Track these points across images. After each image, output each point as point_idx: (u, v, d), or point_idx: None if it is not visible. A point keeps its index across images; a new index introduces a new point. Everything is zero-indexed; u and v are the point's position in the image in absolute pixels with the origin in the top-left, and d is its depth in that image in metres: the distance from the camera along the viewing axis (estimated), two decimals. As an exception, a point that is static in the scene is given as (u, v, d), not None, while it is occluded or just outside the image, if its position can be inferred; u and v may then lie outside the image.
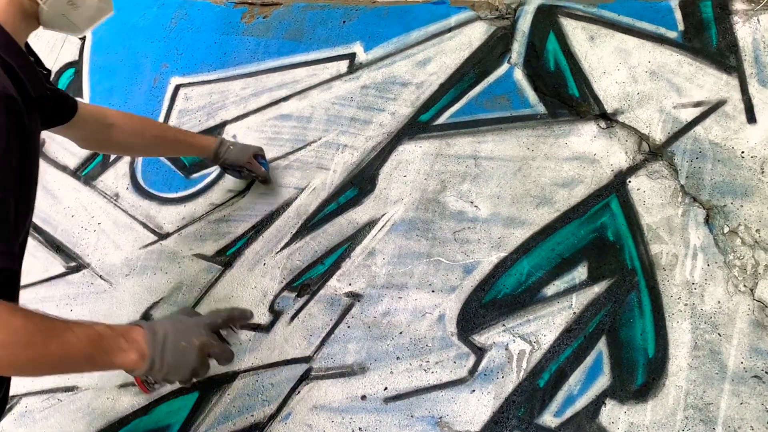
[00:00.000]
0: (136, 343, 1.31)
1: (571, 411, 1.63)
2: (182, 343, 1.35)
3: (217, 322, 1.45)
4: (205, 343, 1.38)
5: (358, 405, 1.85)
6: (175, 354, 1.34)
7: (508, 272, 1.83)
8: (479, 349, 1.78)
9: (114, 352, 1.28)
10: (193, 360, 1.37)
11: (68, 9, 1.49)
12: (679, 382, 1.57)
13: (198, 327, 1.40)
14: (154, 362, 1.32)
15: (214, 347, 1.40)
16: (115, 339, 1.29)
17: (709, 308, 1.60)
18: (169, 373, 1.35)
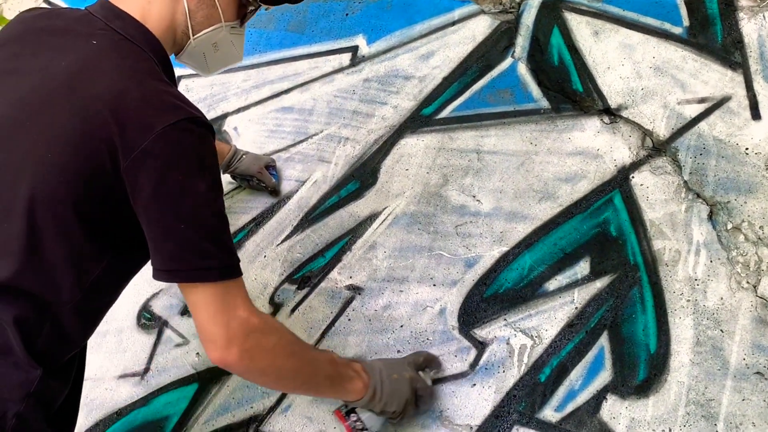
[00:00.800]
0: (360, 374, 1.49)
1: (572, 406, 1.63)
2: (394, 375, 1.54)
3: (419, 360, 1.66)
4: (414, 377, 1.58)
5: (358, 398, 1.84)
6: (392, 384, 1.52)
7: (509, 267, 1.82)
8: (480, 343, 1.77)
9: (346, 378, 1.46)
10: (406, 391, 1.55)
11: (210, 50, 1.52)
12: (680, 378, 1.56)
13: (403, 363, 1.61)
14: (376, 392, 1.50)
15: (420, 381, 1.60)
16: (345, 367, 1.48)
17: (711, 304, 1.60)
18: (387, 403, 1.52)
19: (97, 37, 1.29)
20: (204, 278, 1.22)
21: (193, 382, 2.06)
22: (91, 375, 2.19)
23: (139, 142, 1.15)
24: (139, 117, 1.17)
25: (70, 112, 1.18)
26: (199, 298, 1.24)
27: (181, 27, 1.43)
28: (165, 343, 2.16)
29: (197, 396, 2.03)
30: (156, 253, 1.22)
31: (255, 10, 1.55)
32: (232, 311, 1.24)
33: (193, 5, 1.41)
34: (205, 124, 1.26)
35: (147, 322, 2.21)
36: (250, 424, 1.94)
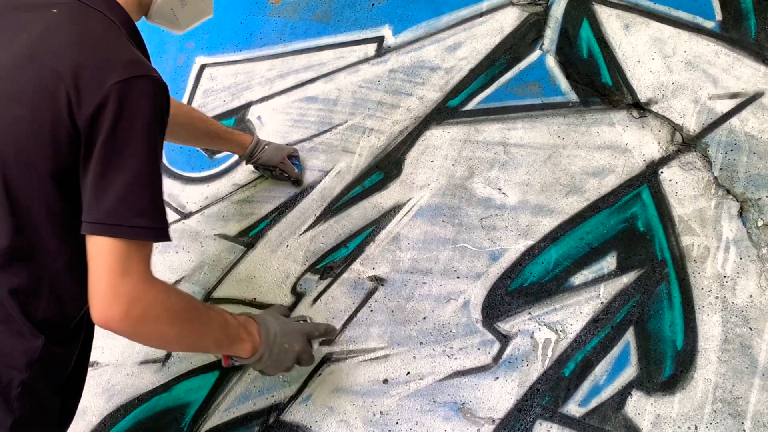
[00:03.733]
0: (252, 336, 1.50)
1: (596, 401, 1.63)
2: (285, 344, 1.56)
3: (315, 333, 1.68)
4: (303, 350, 1.61)
5: (380, 389, 1.85)
6: (279, 353, 1.55)
7: (535, 260, 1.82)
8: (504, 336, 1.77)
9: (236, 341, 1.47)
10: (290, 361, 1.59)
11: (177, 5, 1.55)
12: (708, 376, 1.56)
13: (300, 333, 1.62)
14: (263, 356, 1.52)
15: (306, 355, 1.63)
16: (237, 329, 1.48)
17: (740, 302, 1.59)
18: (270, 366, 1.56)
19: (59, 5, 1.29)
20: (138, 236, 1.22)
21: (214, 370, 2.07)
22: (113, 360, 2.22)
23: (92, 96, 1.18)
24: (94, 72, 1.19)
25: (29, 79, 1.21)
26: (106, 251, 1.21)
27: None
28: (186, 330, 2.17)
29: (218, 384, 2.05)
30: (93, 206, 1.21)
31: None
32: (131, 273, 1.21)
33: None
34: (158, 82, 1.27)
35: (169, 309, 2.22)
36: (271, 412, 1.95)
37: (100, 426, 2.15)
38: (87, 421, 2.15)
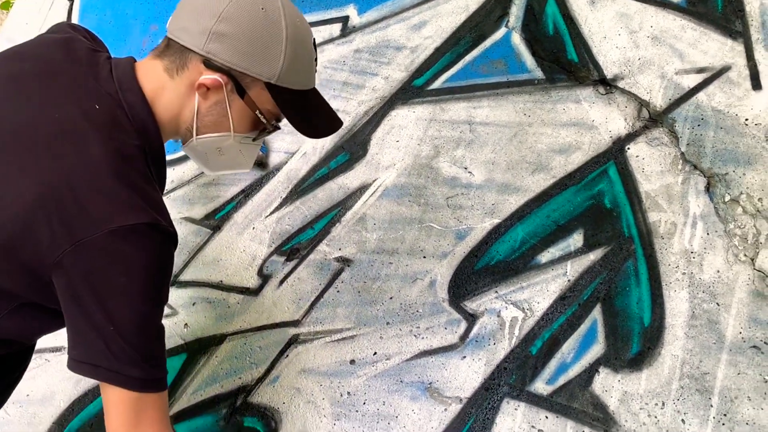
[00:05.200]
0: None
1: (563, 379, 1.52)
2: None
3: None
4: None
5: (347, 369, 1.72)
6: None
7: (501, 239, 1.70)
8: (471, 315, 1.66)
9: None
10: None
11: (214, 153, 1.37)
12: (675, 352, 1.45)
13: None
14: None
15: None
16: None
17: (707, 277, 1.48)
18: None
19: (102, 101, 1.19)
20: (124, 384, 1.11)
21: (182, 353, 1.94)
22: (79, 345, 2.07)
23: (88, 233, 1.06)
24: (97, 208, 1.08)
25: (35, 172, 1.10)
26: (115, 400, 1.13)
27: (186, 123, 1.29)
28: (153, 313, 2.02)
29: (185, 366, 1.91)
30: (79, 344, 1.11)
31: (271, 131, 1.38)
32: (142, 427, 1.13)
33: (204, 108, 1.26)
34: (166, 232, 1.15)
35: (135, 293, 2.07)
36: (239, 394, 1.82)
37: (68, 410, 2.00)
38: (55, 406, 2.00)
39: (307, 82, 1.31)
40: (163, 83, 1.24)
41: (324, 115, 1.38)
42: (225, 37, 1.19)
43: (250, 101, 1.26)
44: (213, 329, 1.93)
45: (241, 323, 1.91)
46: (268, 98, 1.26)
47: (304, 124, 1.32)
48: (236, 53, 1.20)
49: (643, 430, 1.42)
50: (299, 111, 1.31)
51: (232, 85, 1.23)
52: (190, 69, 1.22)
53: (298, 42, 1.25)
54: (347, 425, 1.67)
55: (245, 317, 1.91)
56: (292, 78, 1.25)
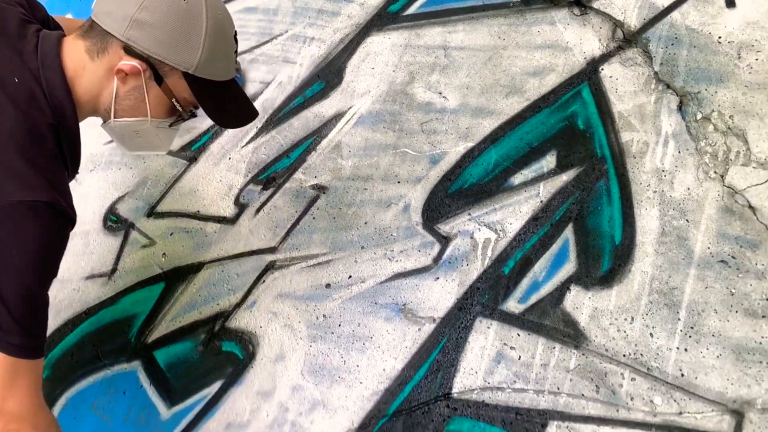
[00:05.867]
0: None
1: (535, 297, 1.49)
2: None
3: None
4: None
5: (323, 293, 1.70)
6: None
7: (475, 162, 1.66)
8: (444, 237, 1.62)
9: None
10: None
11: (131, 135, 1.37)
12: (645, 268, 1.43)
13: None
14: None
15: None
16: None
17: (678, 195, 1.45)
18: None
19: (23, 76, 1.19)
20: (3, 350, 1.14)
21: (160, 282, 1.90)
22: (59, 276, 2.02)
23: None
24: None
25: None
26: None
27: (104, 105, 1.30)
28: (131, 244, 1.99)
29: (164, 294, 1.88)
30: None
31: (187, 118, 1.40)
32: (10, 391, 1.16)
33: (122, 92, 1.28)
34: (65, 214, 1.19)
35: (113, 225, 2.03)
36: (217, 320, 1.79)
37: (48, 341, 1.97)
38: (36, 337, 1.97)
39: (225, 73, 1.32)
40: (84, 64, 1.24)
41: (240, 105, 1.41)
42: (146, 26, 1.19)
43: (167, 89, 1.28)
44: (191, 258, 1.89)
45: (219, 251, 1.87)
46: (185, 87, 1.28)
47: (220, 114, 1.35)
48: (156, 42, 1.21)
49: (612, 344, 1.40)
50: (216, 101, 1.32)
51: (150, 73, 1.24)
52: (110, 53, 1.22)
53: (219, 35, 1.27)
54: (323, 347, 1.65)
55: (222, 245, 1.87)
56: (210, 69, 1.27)
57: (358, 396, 1.58)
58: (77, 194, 2.10)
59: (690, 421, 1.31)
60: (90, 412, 1.83)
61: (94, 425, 1.82)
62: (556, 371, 1.43)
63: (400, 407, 1.53)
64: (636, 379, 1.37)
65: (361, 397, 1.57)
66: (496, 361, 1.48)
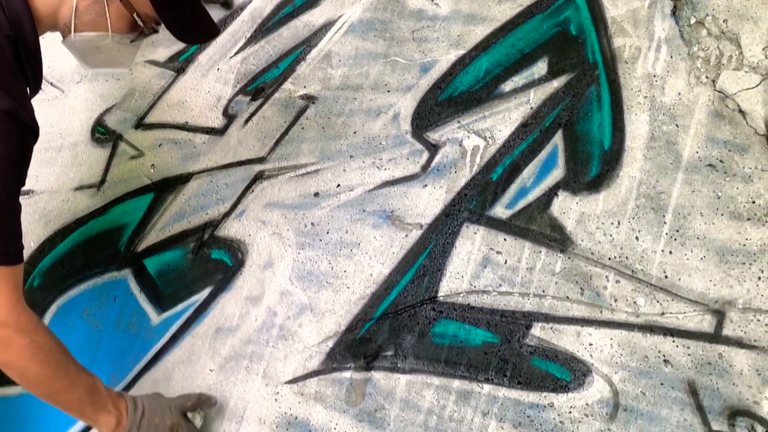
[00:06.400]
0: (119, 411, 1.32)
1: (523, 203, 1.47)
2: (156, 419, 1.38)
3: (186, 405, 1.49)
4: (175, 423, 1.42)
5: (311, 201, 1.67)
6: (149, 428, 1.36)
7: (465, 70, 1.60)
8: (433, 145, 1.58)
9: (101, 410, 1.29)
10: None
11: (93, 50, 1.33)
12: (633, 173, 1.40)
13: (170, 407, 1.43)
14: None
15: (182, 427, 1.44)
16: (106, 399, 1.31)
17: (668, 100, 1.41)
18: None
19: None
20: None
21: (149, 192, 1.86)
22: (48, 188, 1.99)
23: None
24: None
25: None
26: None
27: (64, 19, 1.26)
28: (120, 156, 1.94)
29: (153, 205, 1.85)
30: None
31: (148, 34, 1.37)
32: None
33: (83, 6, 1.24)
34: (26, 124, 1.15)
35: (101, 136, 1.98)
36: (206, 229, 1.76)
37: (39, 251, 1.95)
38: (26, 247, 1.94)
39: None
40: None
41: (200, 20, 1.38)
42: None
43: (127, 3, 1.26)
44: (179, 168, 1.85)
45: (207, 162, 1.82)
46: (146, 2, 1.26)
47: (179, 29, 1.32)
48: None
49: (598, 248, 1.39)
50: (175, 16, 1.30)
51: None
52: None
53: None
54: (311, 253, 1.63)
55: (211, 156, 1.83)
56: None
57: (345, 300, 1.56)
58: (64, 106, 2.05)
59: (672, 321, 1.31)
60: (81, 318, 1.82)
61: (86, 332, 1.81)
62: (541, 275, 1.42)
63: (387, 310, 1.52)
64: (620, 281, 1.36)
65: (348, 302, 1.56)
66: (483, 266, 1.47)
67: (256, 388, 1.59)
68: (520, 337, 1.40)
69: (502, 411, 1.38)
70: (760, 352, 1.24)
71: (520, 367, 1.39)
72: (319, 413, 1.51)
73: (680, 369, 1.28)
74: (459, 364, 1.44)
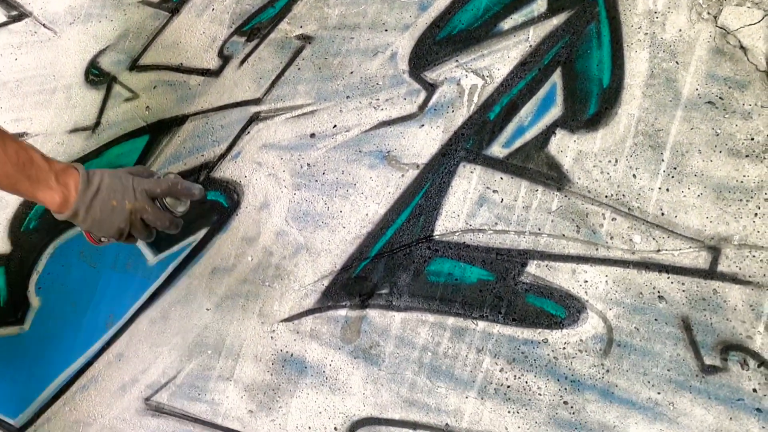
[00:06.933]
0: (65, 188, 1.14)
1: (520, 141, 1.44)
2: (113, 201, 1.17)
3: (156, 191, 1.23)
4: (137, 208, 1.20)
5: (307, 142, 1.63)
6: (103, 211, 1.16)
7: (464, 8, 1.55)
8: (430, 85, 1.54)
9: (39, 185, 1.12)
10: (121, 221, 1.19)
11: None
12: (631, 111, 1.36)
13: (135, 190, 1.20)
14: (78, 212, 1.15)
15: (147, 213, 1.21)
16: (46, 174, 1.12)
17: (669, 37, 1.37)
18: (92, 227, 1.19)
19: None
20: None
21: (144, 134, 1.82)
22: (42, 130, 1.94)
23: None
24: None
25: None
26: None
27: None
28: (114, 98, 1.89)
29: (148, 147, 1.81)
30: None
31: None
32: None
33: None
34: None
35: (95, 78, 1.92)
36: (201, 170, 1.73)
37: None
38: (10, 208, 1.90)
39: None
40: None
41: None
42: None
43: None
44: (174, 110, 1.81)
45: (203, 104, 1.78)
46: None
47: None
48: None
49: (594, 186, 1.36)
50: None
51: None
52: None
53: None
54: (307, 194, 1.60)
55: (206, 98, 1.78)
56: None
57: (341, 240, 1.54)
58: (57, 48, 1.99)
59: (667, 258, 1.29)
60: (78, 259, 1.80)
61: (83, 272, 1.79)
62: (537, 213, 1.40)
63: (382, 249, 1.50)
64: (617, 219, 1.34)
65: (344, 241, 1.54)
66: (479, 204, 1.44)
67: (252, 326, 1.58)
68: (515, 275, 1.38)
69: (497, 347, 1.37)
70: (755, 287, 1.22)
71: (514, 304, 1.37)
72: (315, 350, 1.50)
73: (674, 305, 1.27)
74: (454, 301, 1.42)
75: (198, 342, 1.63)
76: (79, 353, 1.75)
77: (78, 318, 1.76)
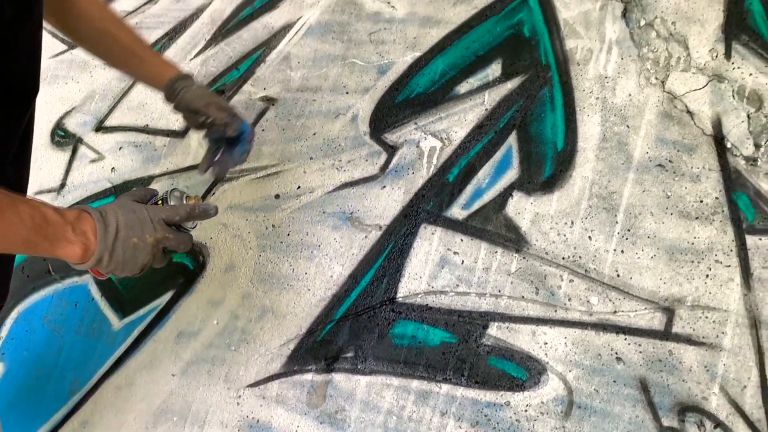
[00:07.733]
0: (84, 236, 1.02)
1: (478, 203, 1.43)
2: (134, 239, 1.05)
3: (174, 218, 1.11)
4: (159, 239, 1.08)
5: (272, 203, 1.61)
6: (126, 251, 1.04)
7: (422, 72, 1.56)
8: (391, 147, 1.54)
9: (59, 242, 1.00)
10: (144, 257, 1.07)
11: None
12: (585, 173, 1.37)
13: (152, 222, 1.08)
14: (102, 259, 1.03)
15: (169, 241, 1.10)
16: (63, 228, 1.00)
17: (619, 101, 1.38)
18: (116, 270, 1.07)
19: None
20: None
21: (110, 195, 1.79)
22: (7, 192, 1.89)
23: None
24: None
25: None
26: None
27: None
28: (80, 159, 1.86)
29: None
30: None
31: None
32: None
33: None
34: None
35: (61, 140, 1.90)
36: (166, 233, 1.69)
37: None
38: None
39: None
40: None
41: None
42: None
43: None
44: (140, 171, 1.79)
45: (168, 165, 1.76)
46: None
47: None
48: None
49: (552, 248, 1.36)
50: None
51: None
52: None
53: None
54: (272, 255, 1.58)
55: (172, 159, 1.76)
56: None
57: (307, 302, 1.52)
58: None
59: (624, 319, 1.29)
60: (42, 324, 1.75)
61: (47, 337, 1.74)
62: (497, 275, 1.39)
63: (347, 312, 1.48)
64: (574, 280, 1.33)
65: (310, 304, 1.52)
66: (440, 266, 1.43)
67: (218, 392, 1.54)
68: (477, 337, 1.37)
69: (460, 410, 1.35)
70: (708, 348, 1.22)
71: (477, 367, 1.36)
72: (281, 416, 1.47)
73: (632, 366, 1.26)
74: (418, 364, 1.40)
75: (163, 409, 1.58)
76: (43, 420, 1.69)
77: (42, 384, 1.71)
